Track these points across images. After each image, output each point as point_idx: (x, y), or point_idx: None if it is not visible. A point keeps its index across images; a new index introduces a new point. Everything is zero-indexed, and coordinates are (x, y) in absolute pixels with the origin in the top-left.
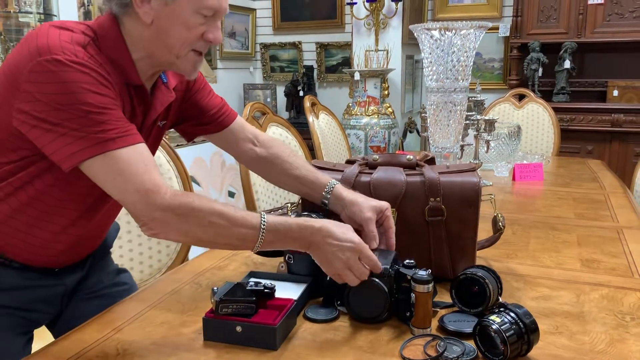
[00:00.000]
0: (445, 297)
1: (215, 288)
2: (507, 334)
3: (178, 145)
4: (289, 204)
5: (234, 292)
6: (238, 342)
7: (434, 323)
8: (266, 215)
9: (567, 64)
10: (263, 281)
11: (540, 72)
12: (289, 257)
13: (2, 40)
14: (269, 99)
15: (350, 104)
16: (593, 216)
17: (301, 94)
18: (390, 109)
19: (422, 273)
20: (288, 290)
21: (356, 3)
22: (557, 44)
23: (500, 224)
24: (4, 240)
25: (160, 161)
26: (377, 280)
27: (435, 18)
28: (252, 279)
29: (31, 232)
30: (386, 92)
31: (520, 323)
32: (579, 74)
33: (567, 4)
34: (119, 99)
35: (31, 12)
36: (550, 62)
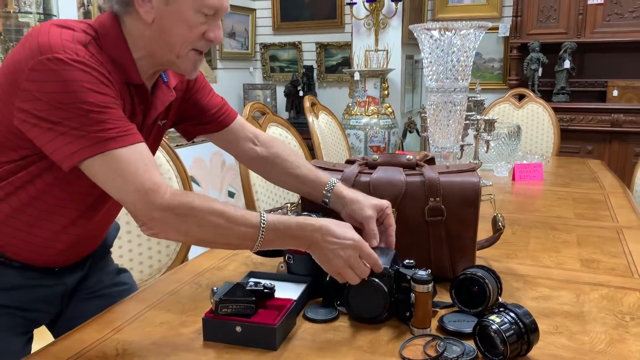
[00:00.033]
0: (445, 297)
1: (215, 288)
2: (506, 334)
3: (178, 145)
4: (289, 204)
5: (233, 292)
6: (238, 342)
7: (434, 323)
8: (266, 214)
9: (567, 64)
10: (263, 281)
11: (540, 72)
12: (289, 257)
13: (2, 41)
14: (268, 99)
15: (350, 104)
16: (593, 216)
17: (301, 94)
18: (390, 109)
19: (422, 273)
20: (288, 291)
21: (356, 3)
22: (556, 44)
23: (500, 224)
24: (4, 239)
25: (160, 161)
26: (376, 280)
27: (435, 18)
28: (252, 279)
29: (31, 231)
30: (386, 92)
31: (520, 323)
32: (579, 74)
33: (566, 4)
34: (120, 98)
35: (31, 12)
36: (550, 62)
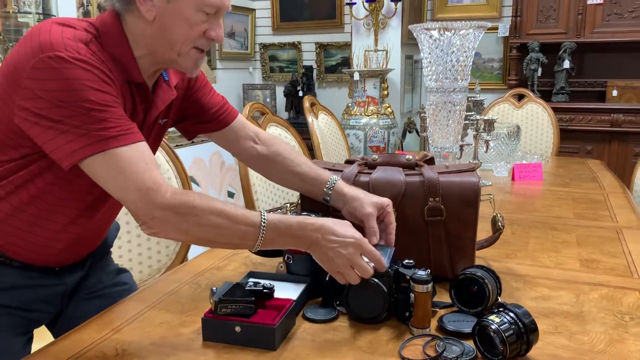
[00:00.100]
0: (444, 297)
1: (214, 288)
2: (506, 334)
3: (177, 145)
4: (288, 204)
5: (233, 292)
6: (237, 342)
7: (433, 323)
8: (266, 213)
9: (567, 64)
10: (262, 281)
11: (540, 72)
12: (288, 257)
13: (2, 41)
14: (268, 99)
15: (350, 104)
16: (592, 216)
17: (300, 94)
18: (389, 109)
19: (422, 273)
20: (287, 291)
21: (355, 3)
22: (556, 44)
23: (500, 224)
24: (4, 238)
25: (160, 161)
26: (376, 280)
27: (434, 18)
28: (251, 279)
29: (32, 230)
30: (385, 92)
31: (520, 323)
32: (578, 74)
33: (566, 4)
34: (121, 96)
35: (30, 12)
36: (549, 62)
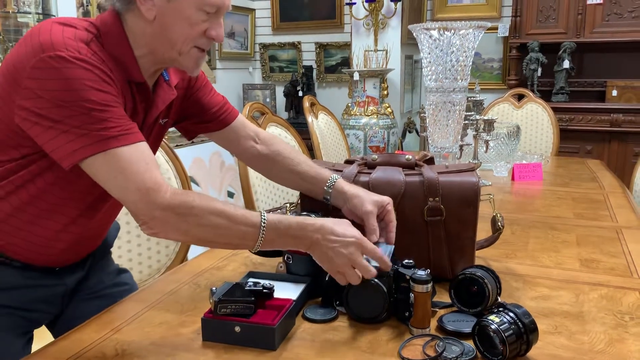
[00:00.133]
0: (444, 297)
1: (214, 288)
2: (506, 334)
3: (177, 145)
4: (288, 204)
5: (232, 292)
6: (237, 343)
7: (433, 323)
8: (266, 213)
9: (566, 64)
10: (262, 281)
11: (540, 72)
12: (288, 257)
13: (1, 41)
14: (268, 99)
15: (350, 104)
16: (592, 216)
17: (300, 94)
18: (389, 109)
19: (421, 273)
20: (287, 291)
21: (355, 3)
22: (556, 44)
23: (500, 223)
24: (4, 238)
25: (159, 161)
26: (376, 280)
27: (434, 18)
28: (251, 279)
29: (32, 230)
30: (385, 92)
31: (519, 323)
32: (578, 74)
33: (566, 4)
34: (121, 96)
35: (30, 12)
36: (549, 62)
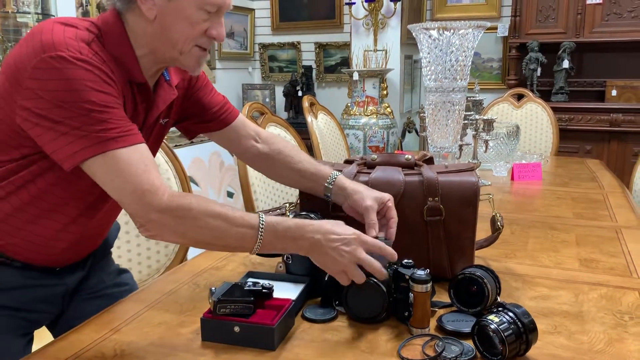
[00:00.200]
0: (443, 297)
1: (213, 288)
2: (505, 334)
3: (176, 145)
4: (287, 204)
5: (232, 292)
6: (236, 343)
7: (433, 323)
8: (264, 215)
9: (566, 64)
10: (261, 281)
11: (539, 71)
12: (287, 257)
13: (1, 41)
14: (267, 99)
15: (349, 104)
16: (592, 216)
17: (300, 94)
18: (389, 109)
19: (421, 273)
20: (286, 291)
21: (355, 3)
22: (555, 44)
23: (499, 223)
24: (5, 238)
25: (159, 161)
26: (375, 280)
27: (433, 18)
28: (250, 279)
29: (32, 230)
30: (385, 92)
31: (519, 323)
32: (578, 74)
33: (565, 4)
34: (122, 96)
35: (29, 12)
36: (548, 61)
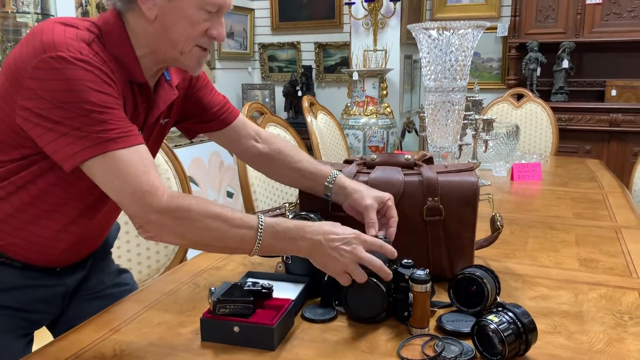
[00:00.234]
0: (443, 297)
1: (213, 288)
2: (505, 334)
3: (176, 145)
4: (287, 204)
5: (231, 293)
6: (236, 343)
7: (432, 323)
8: (264, 216)
9: (565, 64)
10: (261, 281)
11: (539, 71)
12: (287, 257)
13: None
14: (267, 99)
15: (349, 104)
16: (591, 216)
17: (299, 94)
18: (388, 109)
19: (420, 273)
20: (286, 291)
21: (354, 3)
22: (555, 44)
23: (499, 223)
24: (5, 239)
25: (158, 161)
26: (374, 280)
27: (433, 18)
28: (250, 279)
29: (32, 230)
30: (384, 92)
31: (519, 323)
32: (577, 74)
33: (565, 4)
34: (122, 97)
35: (29, 12)
36: (548, 61)
